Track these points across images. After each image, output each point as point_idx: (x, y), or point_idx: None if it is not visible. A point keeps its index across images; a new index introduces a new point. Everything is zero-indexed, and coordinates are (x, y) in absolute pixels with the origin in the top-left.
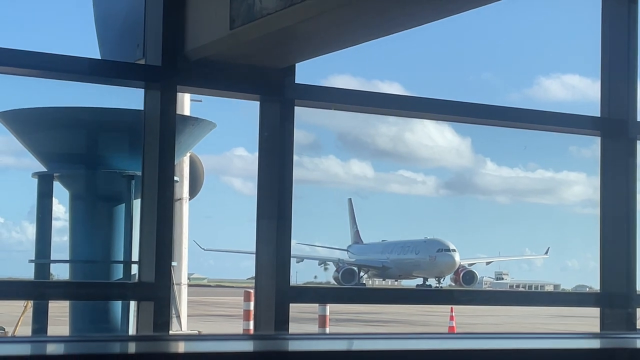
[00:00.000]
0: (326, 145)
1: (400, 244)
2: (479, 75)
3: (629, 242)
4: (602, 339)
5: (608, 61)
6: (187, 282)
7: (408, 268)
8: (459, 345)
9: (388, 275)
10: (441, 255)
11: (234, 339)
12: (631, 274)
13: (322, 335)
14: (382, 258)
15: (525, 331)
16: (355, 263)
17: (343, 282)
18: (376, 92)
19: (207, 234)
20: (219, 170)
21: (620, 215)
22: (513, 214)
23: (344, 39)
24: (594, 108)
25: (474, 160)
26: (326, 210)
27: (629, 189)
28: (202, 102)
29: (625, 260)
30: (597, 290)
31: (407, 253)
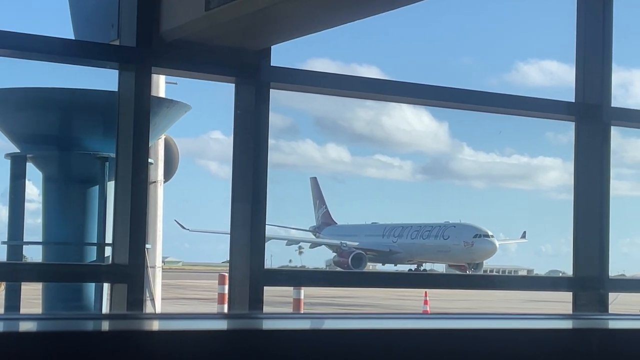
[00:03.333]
0: (303, 129)
1: (415, 228)
2: (458, 59)
3: (602, 227)
4: (574, 319)
5: (583, 46)
6: (161, 265)
7: (428, 253)
8: (432, 325)
9: (394, 260)
10: (480, 242)
11: (207, 317)
12: (604, 258)
13: (296, 315)
14: (387, 242)
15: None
16: (360, 247)
17: (352, 268)
18: (353, 75)
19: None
20: (195, 153)
21: (594, 200)
22: (489, 199)
23: (320, 22)
24: (572, 94)
25: (450, 145)
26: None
27: (602, 174)
28: (178, 84)
29: (598, 245)
30: (570, 275)
31: (428, 237)
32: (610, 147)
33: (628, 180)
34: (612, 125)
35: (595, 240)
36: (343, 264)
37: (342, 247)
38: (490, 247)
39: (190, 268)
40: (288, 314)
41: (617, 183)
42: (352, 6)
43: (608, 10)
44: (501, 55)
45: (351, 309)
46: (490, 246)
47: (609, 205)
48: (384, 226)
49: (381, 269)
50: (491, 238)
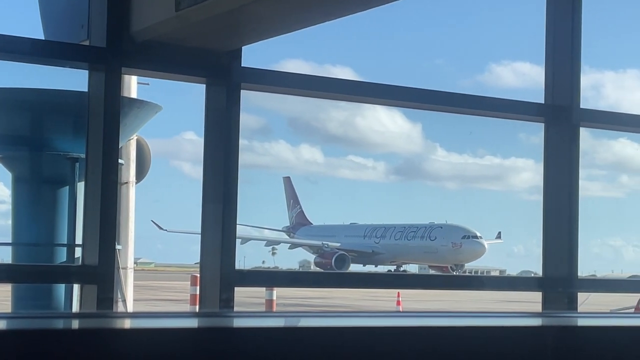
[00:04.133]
0: (277, 129)
1: (398, 229)
2: (432, 61)
3: (571, 227)
4: (543, 317)
5: (552, 48)
6: (133, 266)
7: (413, 254)
8: (405, 322)
9: (376, 261)
10: (469, 243)
11: (178, 316)
12: (573, 258)
13: (267, 313)
14: (369, 242)
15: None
16: (342, 248)
17: (336, 269)
18: (325, 76)
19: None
20: (168, 154)
21: (563, 201)
22: (462, 200)
23: (291, 23)
24: (543, 95)
25: (423, 146)
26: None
27: (571, 174)
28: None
29: (567, 245)
30: (540, 275)
31: (414, 239)
32: (580, 148)
33: (599, 181)
34: (582, 127)
35: (565, 240)
36: (325, 265)
37: (324, 248)
38: (480, 248)
39: (163, 269)
40: (258, 312)
41: (588, 184)
42: (323, 7)
43: (577, 12)
44: (474, 56)
45: (324, 310)
46: (479, 247)
47: (578, 206)
48: (365, 227)
49: (361, 270)
50: (480, 239)
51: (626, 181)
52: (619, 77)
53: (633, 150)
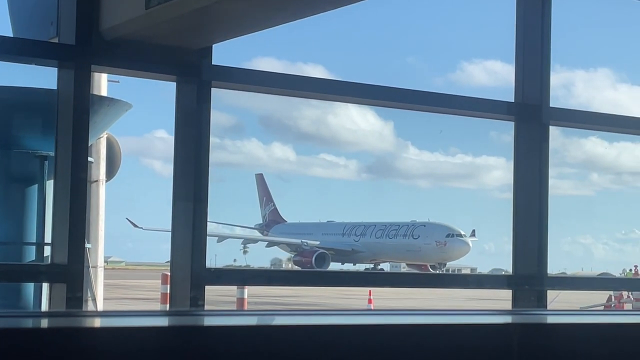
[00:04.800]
0: (248, 127)
1: (379, 227)
2: (403, 59)
3: (541, 225)
4: (510, 315)
5: (522, 47)
6: (104, 264)
7: (395, 253)
8: (374, 320)
9: (355, 260)
10: (453, 241)
11: (148, 315)
12: (542, 256)
13: (236, 311)
14: (349, 240)
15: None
16: (321, 246)
17: (316, 267)
18: (296, 74)
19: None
20: (139, 152)
21: (533, 199)
22: (433, 198)
23: (261, 21)
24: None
25: (395, 144)
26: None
27: (541, 173)
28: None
29: (537, 243)
30: (510, 273)
31: (396, 237)
32: (550, 147)
33: (570, 180)
34: (551, 125)
35: (534, 238)
36: (305, 264)
37: (303, 247)
38: (464, 246)
39: (133, 268)
40: (228, 311)
41: (559, 182)
42: (294, 5)
43: (547, 11)
44: (446, 55)
45: (294, 308)
46: (463, 246)
47: (548, 204)
48: (343, 224)
49: (340, 268)
50: (464, 237)
51: (596, 179)
52: (589, 76)
53: (603, 149)
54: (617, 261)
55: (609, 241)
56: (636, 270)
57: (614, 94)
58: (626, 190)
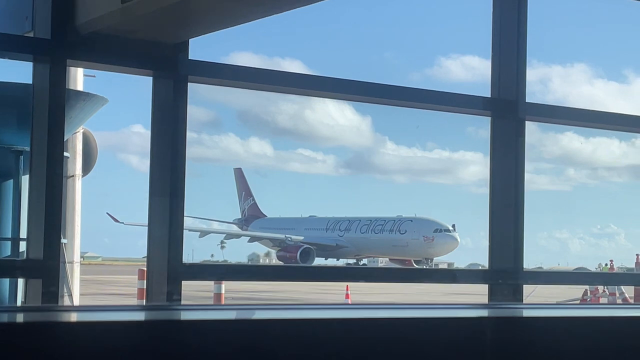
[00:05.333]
0: (226, 122)
1: (364, 221)
2: (381, 55)
3: (517, 220)
4: (486, 309)
5: (498, 42)
6: (80, 260)
7: (381, 248)
8: (349, 314)
9: (340, 255)
10: (441, 236)
11: (125, 309)
12: (518, 250)
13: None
14: (333, 235)
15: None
16: (305, 241)
17: (301, 262)
18: (273, 69)
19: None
20: (116, 147)
21: (509, 194)
22: (411, 194)
23: (237, 15)
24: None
25: (373, 139)
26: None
27: (517, 168)
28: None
29: (513, 238)
30: (486, 267)
31: (382, 232)
32: (525, 142)
33: (547, 175)
34: (527, 121)
35: (510, 233)
36: (290, 259)
37: (287, 242)
38: (452, 241)
39: (110, 263)
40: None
41: (535, 177)
42: (268, 0)
43: (523, 6)
44: (423, 50)
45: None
46: (452, 241)
47: (524, 198)
48: (326, 219)
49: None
50: (452, 232)
51: (573, 174)
52: (566, 72)
53: (579, 144)
54: (593, 256)
55: (585, 236)
56: (612, 264)
57: (590, 89)
58: (602, 185)
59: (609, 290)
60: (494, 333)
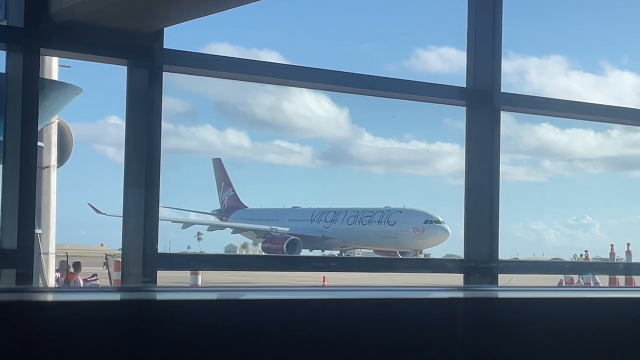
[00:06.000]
0: (203, 113)
1: (350, 213)
2: (358, 46)
3: (492, 211)
4: (465, 291)
5: (474, 33)
6: (55, 251)
7: (369, 239)
8: (329, 295)
9: (326, 246)
10: (431, 228)
11: (101, 290)
12: (493, 241)
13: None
14: (319, 227)
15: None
16: (290, 232)
17: (287, 254)
18: (251, 59)
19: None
20: (92, 138)
21: (484, 184)
22: (388, 185)
23: (212, 4)
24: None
25: (350, 130)
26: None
27: (492, 158)
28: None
29: (488, 228)
30: (462, 257)
31: (370, 223)
32: (501, 132)
33: (523, 166)
34: (502, 111)
35: (486, 223)
36: (276, 251)
37: (273, 233)
38: (443, 233)
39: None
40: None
41: (512, 169)
42: None
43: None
44: (400, 41)
45: None
46: (442, 232)
47: (499, 189)
48: (312, 210)
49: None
50: (442, 224)
51: (549, 166)
52: (543, 63)
53: (555, 135)
54: (569, 246)
55: (560, 227)
56: (587, 255)
57: (567, 81)
58: (577, 176)
59: (584, 280)
60: (467, 313)
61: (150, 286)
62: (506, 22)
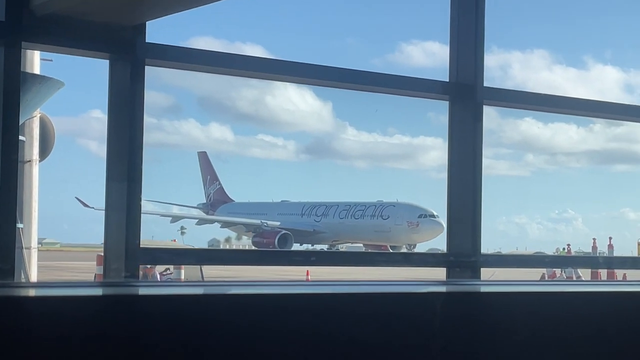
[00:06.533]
0: (187, 107)
1: (342, 207)
2: (342, 40)
3: (475, 204)
4: (446, 285)
5: (457, 27)
6: (38, 246)
7: (361, 234)
8: (313, 290)
9: (317, 240)
10: (426, 222)
11: (83, 285)
12: (476, 234)
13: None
14: (309, 221)
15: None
16: (281, 226)
17: (279, 248)
18: (233, 53)
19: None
20: (75, 132)
21: (467, 178)
22: (371, 179)
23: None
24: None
25: (334, 124)
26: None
27: (475, 152)
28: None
29: (471, 222)
30: (445, 251)
31: (363, 217)
32: (484, 127)
33: (506, 160)
34: (485, 105)
35: (468, 217)
36: (267, 245)
37: (263, 227)
38: (438, 227)
39: (68, 249)
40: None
41: (495, 163)
42: None
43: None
44: (384, 36)
45: None
46: (437, 226)
47: (482, 182)
48: (302, 204)
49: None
50: (437, 218)
51: (531, 160)
52: (526, 58)
53: (538, 130)
54: (552, 240)
55: (543, 221)
56: (569, 249)
57: (550, 75)
58: (560, 170)
59: (566, 274)
60: (447, 308)
61: (131, 281)
62: (489, 16)
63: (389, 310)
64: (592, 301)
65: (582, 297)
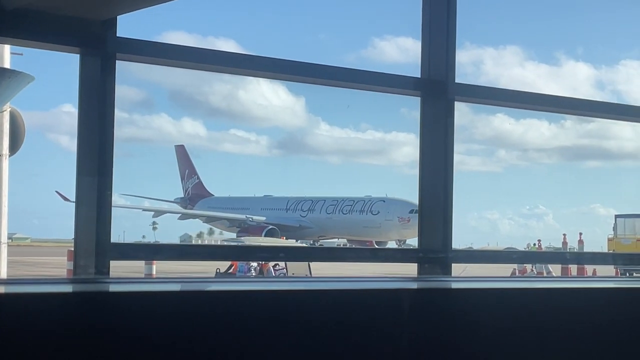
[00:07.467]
0: (158, 102)
1: (329, 202)
2: (315, 35)
3: (446, 200)
4: (419, 281)
5: (428, 22)
6: (7, 241)
7: (349, 229)
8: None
9: (303, 236)
10: (417, 217)
11: (53, 282)
12: (447, 230)
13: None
14: (295, 216)
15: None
16: (267, 222)
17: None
18: (207, 48)
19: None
20: (46, 127)
21: (438, 174)
22: (344, 174)
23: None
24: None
25: (307, 120)
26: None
27: (446, 148)
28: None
29: (442, 217)
30: (416, 247)
31: (351, 212)
32: (455, 123)
33: (478, 156)
34: (457, 101)
35: (439, 213)
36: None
37: (249, 222)
38: None
39: (39, 244)
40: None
41: (467, 158)
42: None
43: None
44: (357, 31)
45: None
46: None
47: (453, 178)
48: (286, 199)
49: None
50: None
51: (503, 156)
52: (499, 54)
53: (510, 126)
54: (523, 236)
55: (514, 216)
56: (540, 244)
57: (522, 71)
58: (532, 166)
59: (537, 269)
60: (416, 303)
61: (102, 277)
62: (462, 12)
63: (358, 306)
64: (563, 296)
65: (552, 292)
